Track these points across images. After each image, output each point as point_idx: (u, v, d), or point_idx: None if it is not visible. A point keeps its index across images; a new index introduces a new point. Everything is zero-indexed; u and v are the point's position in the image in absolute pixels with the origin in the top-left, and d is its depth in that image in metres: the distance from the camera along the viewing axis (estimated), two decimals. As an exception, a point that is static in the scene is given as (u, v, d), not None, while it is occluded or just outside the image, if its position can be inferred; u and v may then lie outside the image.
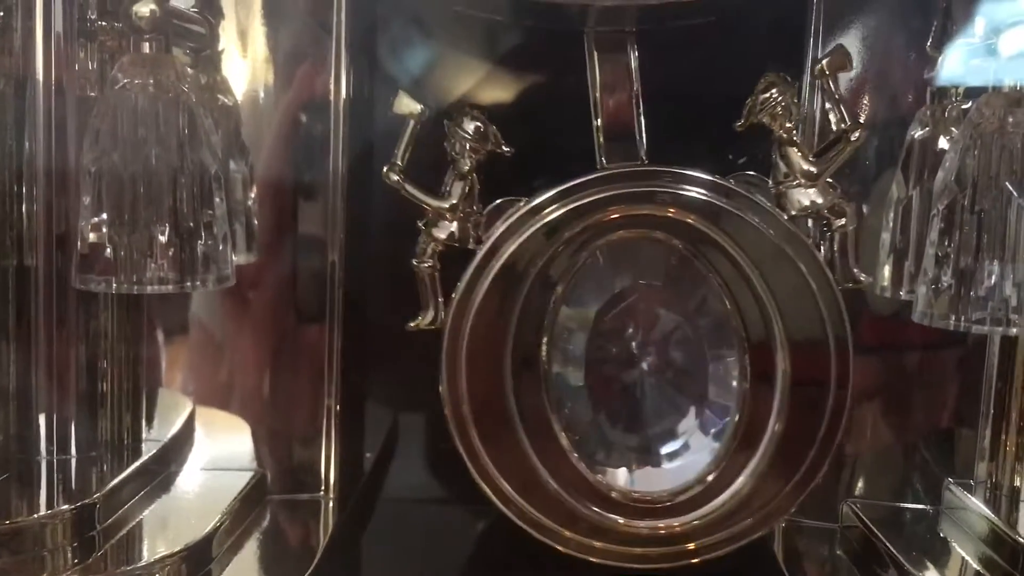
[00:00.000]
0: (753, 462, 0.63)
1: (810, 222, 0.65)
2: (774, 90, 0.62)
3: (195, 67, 0.62)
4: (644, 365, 0.66)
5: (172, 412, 0.71)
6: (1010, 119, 0.53)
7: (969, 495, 0.66)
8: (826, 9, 0.66)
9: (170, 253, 0.55)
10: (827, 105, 0.64)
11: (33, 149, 0.62)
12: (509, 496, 0.63)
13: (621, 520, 0.64)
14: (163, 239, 0.55)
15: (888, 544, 0.64)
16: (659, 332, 0.66)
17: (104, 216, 0.55)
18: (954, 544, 0.64)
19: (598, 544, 0.64)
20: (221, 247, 0.57)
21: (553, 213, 0.62)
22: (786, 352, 0.62)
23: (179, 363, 0.72)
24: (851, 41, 0.66)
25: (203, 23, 0.63)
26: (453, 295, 0.63)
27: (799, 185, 0.63)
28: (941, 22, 0.64)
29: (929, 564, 0.62)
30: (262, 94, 0.69)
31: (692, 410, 0.66)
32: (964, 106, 0.62)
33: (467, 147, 0.64)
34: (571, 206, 0.62)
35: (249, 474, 0.70)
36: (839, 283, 0.63)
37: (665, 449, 0.66)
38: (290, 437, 0.71)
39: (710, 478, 0.64)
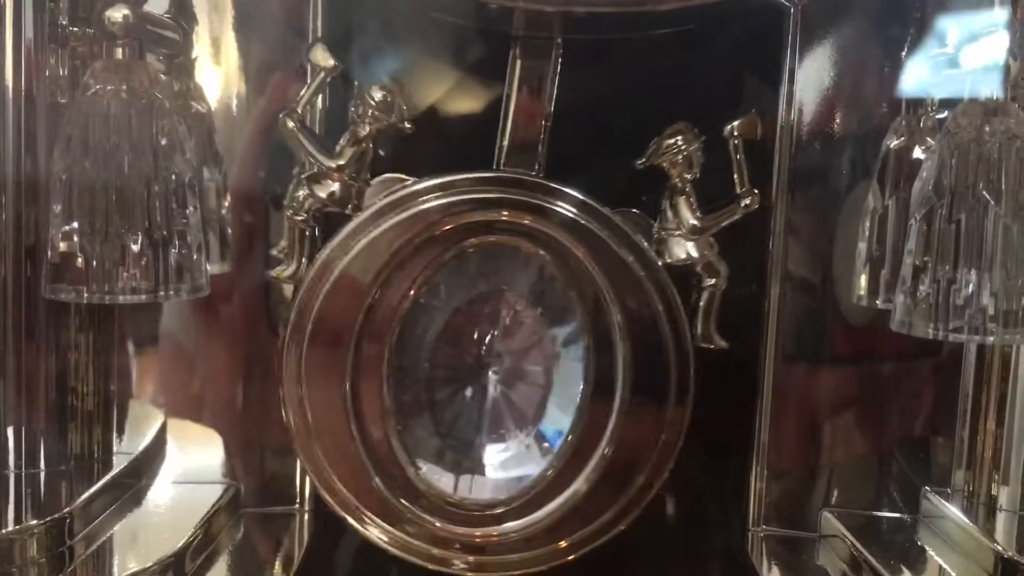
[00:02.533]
0: (578, 482, 0.64)
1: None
2: (679, 137, 0.64)
3: (168, 73, 0.62)
4: (490, 371, 0.67)
5: (143, 424, 0.70)
6: (987, 128, 0.53)
7: (946, 503, 0.66)
8: (803, 19, 0.66)
9: (143, 262, 0.54)
10: (733, 167, 0.65)
11: (2, 157, 0.61)
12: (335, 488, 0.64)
13: (438, 523, 0.64)
14: (135, 248, 0.54)
15: (866, 552, 0.64)
16: (509, 340, 0.67)
17: (75, 224, 0.54)
18: (932, 552, 0.65)
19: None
20: (195, 256, 0.57)
21: (433, 200, 0.63)
22: (628, 372, 0.64)
23: (151, 374, 0.71)
24: (827, 51, 0.67)
25: (176, 29, 0.62)
26: (317, 255, 0.63)
27: (681, 236, 0.65)
28: (916, 33, 0.65)
29: (907, 572, 0.62)
30: (236, 102, 0.69)
31: (529, 422, 0.67)
32: (939, 116, 0.62)
33: (369, 113, 0.64)
34: (451, 199, 0.63)
35: (222, 487, 0.70)
36: (697, 341, 0.65)
37: (496, 457, 0.66)
38: (264, 449, 0.71)
39: (534, 492, 0.65)
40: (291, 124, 0.64)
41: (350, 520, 0.65)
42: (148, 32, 0.58)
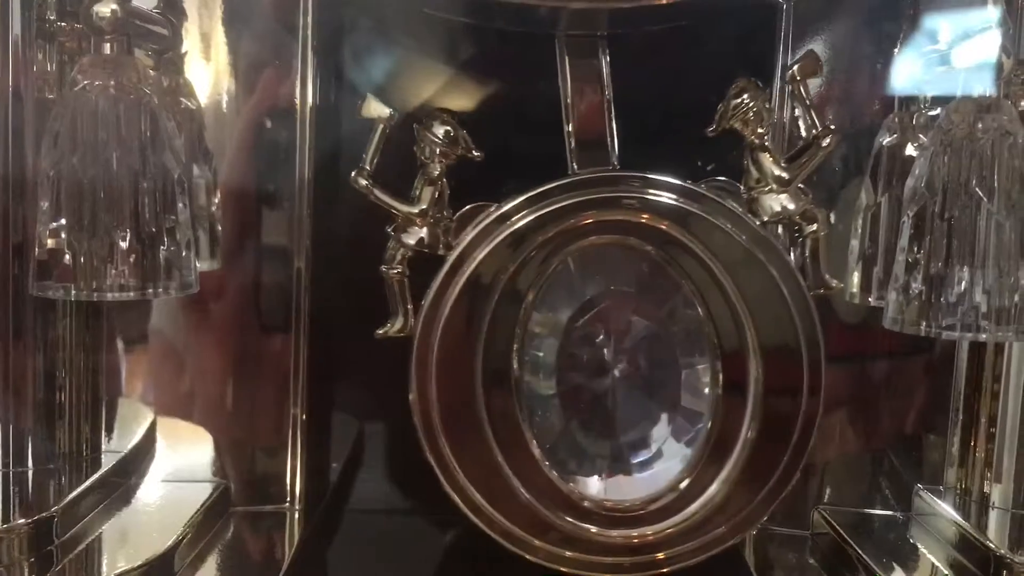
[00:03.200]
0: (726, 470, 0.63)
1: (781, 228, 0.65)
2: (745, 95, 0.62)
3: (157, 69, 0.61)
4: (616, 372, 0.65)
5: (133, 423, 0.70)
6: (979, 125, 0.53)
7: (939, 501, 0.66)
8: (795, 16, 0.66)
9: (131, 259, 0.54)
10: (797, 111, 0.64)
11: (-11, 153, 0.60)
12: (479, 505, 0.63)
13: (593, 529, 0.63)
14: (124, 245, 0.54)
15: (859, 550, 0.64)
16: (631, 339, 0.65)
17: (63, 221, 0.53)
18: (924, 550, 0.65)
19: (569, 554, 0.63)
20: (184, 253, 0.56)
21: (523, 219, 0.62)
22: (758, 358, 0.62)
23: (140, 372, 0.70)
24: (820, 48, 0.67)
25: (166, 24, 0.62)
26: (422, 302, 0.62)
27: (771, 191, 0.63)
28: (909, 30, 0.64)
29: (899, 570, 0.62)
30: (226, 98, 0.68)
31: (664, 417, 0.65)
32: (932, 113, 0.62)
33: (437, 151, 0.63)
34: (541, 212, 0.62)
35: (212, 486, 0.69)
36: (810, 289, 0.63)
37: (637, 457, 0.65)
38: (254, 447, 0.70)
39: (682, 486, 0.64)
40: (363, 182, 0.62)
41: (517, 551, 0.63)
42: (137, 27, 0.57)
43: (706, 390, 0.64)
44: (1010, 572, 0.58)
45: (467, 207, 0.64)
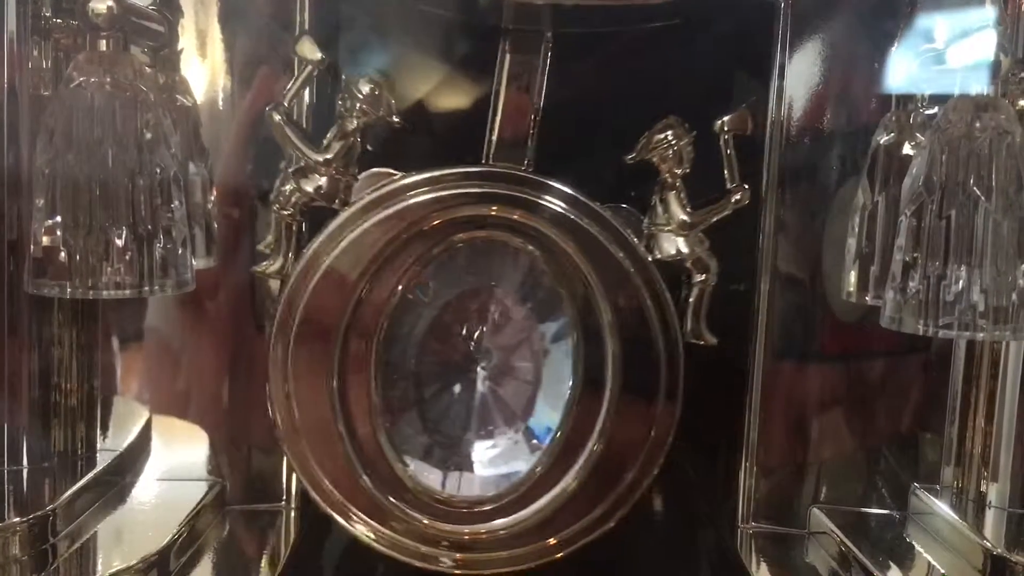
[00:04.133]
0: (567, 479, 0.64)
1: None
2: (669, 132, 0.64)
3: (153, 66, 0.61)
4: (478, 366, 0.66)
5: (128, 421, 0.69)
6: (977, 124, 0.53)
7: (935, 500, 0.66)
8: (793, 15, 0.66)
9: (127, 257, 0.54)
10: (723, 161, 0.65)
11: (-16, 150, 0.60)
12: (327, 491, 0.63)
13: (425, 520, 0.64)
14: (119, 242, 0.54)
15: (855, 549, 0.64)
16: (499, 336, 0.66)
17: (58, 219, 0.53)
18: (920, 549, 0.65)
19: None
20: (180, 251, 0.56)
21: (421, 195, 0.62)
22: (617, 369, 0.63)
23: (135, 371, 0.70)
24: (818, 46, 0.67)
25: (162, 21, 0.62)
26: (305, 249, 0.63)
27: (671, 231, 0.64)
28: (906, 28, 0.64)
29: (896, 569, 0.62)
30: (222, 95, 0.68)
31: (517, 418, 0.66)
32: (929, 112, 0.62)
33: (356, 107, 0.63)
34: (441, 193, 0.62)
35: (207, 484, 0.69)
36: (686, 337, 0.64)
37: (483, 454, 0.66)
38: (250, 446, 0.70)
39: (523, 490, 0.64)
40: (277, 117, 0.63)
41: (337, 517, 0.64)
42: (132, 24, 0.57)
43: (564, 399, 0.65)
44: (1007, 571, 0.58)
45: (374, 170, 0.65)
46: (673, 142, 0.63)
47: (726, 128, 0.64)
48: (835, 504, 0.70)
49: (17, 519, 0.56)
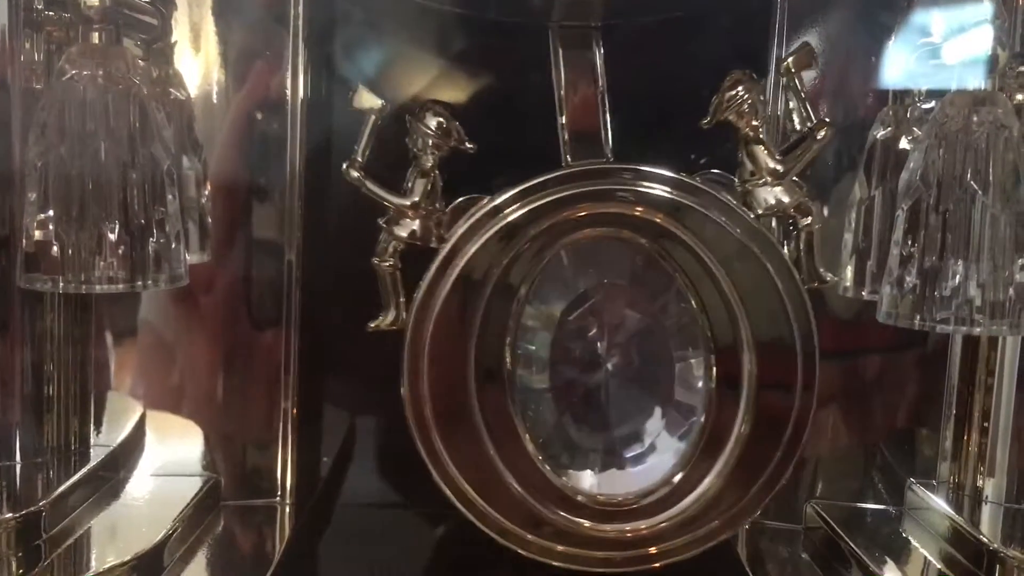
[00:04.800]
0: (719, 464, 0.63)
1: (775, 221, 0.64)
2: (740, 87, 0.62)
3: (146, 59, 0.61)
4: (609, 366, 0.65)
5: (122, 416, 0.69)
6: (974, 118, 0.53)
7: (932, 495, 0.66)
8: (790, 8, 0.66)
9: (120, 251, 0.53)
10: (791, 104, 0.63)
11: (-25, 144, 0.60)
12: (471, 499, 0.62)
13: (587, 523, 0.63)
14: (113, 237, 0.53)
15: (851, 544, 0.64)
16: (624, 332, 0.65)
17: (51, 212, 0.53)
18: (917, 544, 0.65)
19: (560, 548, 0.63)
20: (174, 245, 0.56)
21: (515, 212, 0.61)
22: (752, 353, 0.62)
23: (129, 366, 0.70)
24: (815, 40, 0.67)
25: (155, 14, 0.61)
26: (415, 295, 0.62)
27: (765, 183, 0.63)
28: (904, 23, 0.64)
29: (892, 564, 0.62)
30: (216, 89, 0.68)
31: (658, 411, 0.65)
32: (926, 106, 0.62)
33: (429, 143, 0.62)
34: (534, 204, 0.61)
35: (202, 480, 0.69)
36: (805, 282, 0.62)
37: (630, 451, 0.65)
38: (245, 441, 0.70)
39: (676, 480, 0.63)
40: (355, 173, 0.62)
41: (511, 546, 0.63)
42: (125, 16, 0.57)
43: (699, 384, 0.64)
44: (1003, 566, 0.58)
45: (460, 199, 0.64)
46: (745, 95, 0.62)
47: (792, 68, 0.62)
48: (831, 499, 0.70)
49: (9, 515, 0.56)
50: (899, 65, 0.65)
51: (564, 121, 0.63)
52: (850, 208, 0.64)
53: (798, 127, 0.63)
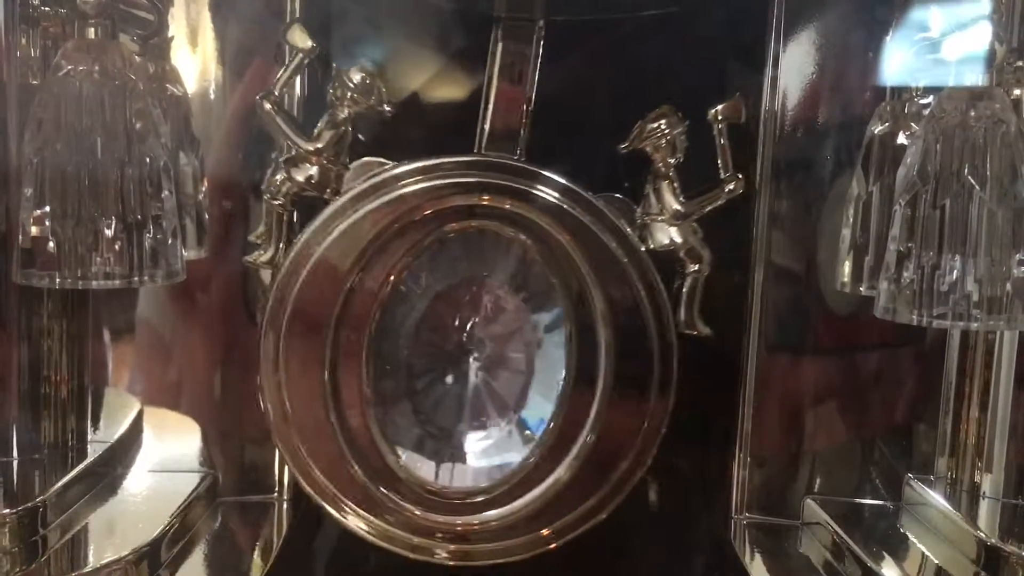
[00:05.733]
0: (560, 470, 0.64)
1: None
2: (663, 121, 0.63)
3: (143, 55, 0.61)
4: (470, 357, 0.66)
5: (119, 412, 0.69)
6: (972, 113, 0.53)
7: (929, 490, 0.66)
8: (787, 3, 0.66)
9: (116, 247, 0.53)
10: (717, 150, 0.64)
11: (-30, 140, 0.60)
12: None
13: (418, 511, 0.64)
14: (109, 232, 0.53)
15: (849, 540, 0.64)
16: (491, 327, 0.66)
17: (47, 208, 0.53)
18: (914, 539, 0.64)
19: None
20: (170, 241, 0.56)
21: (413, 184, 0.62)
22: (610, 360, 0.63)
23: (126, 362, 0.70)
24: (812, 36, 0.66)
25: (151, 9, 0.61)
26: (295, 239, 0.63)
27: (664, 221, 0.64)
28: (901, 18, 0.64)
29: (890, 559, 0.62)
30: (213, 85, 0.68)
31: (510, 409, 0.66)
32: (924, 101, 0.62)
33: (348, 96, 0.63)
34: (433, 183, 0.62)
35: (199, 476, 0.69)
36: (679, 328, 0.64)
37: (477, 445, 0.66)
38: (242, 437, 0.70)
39: (515, 480, 0.64)
40: (268, 106, 0.63)
41: (329, 509, 0.64)
42: (121, 12, 0.57)
43: (557, 389, 0.65)
44: (1000, 561, 0.58)
45: (364, 159, 0.64)
46: (666, 131, 0.63)
47: (720, 117, 0.64)
48: (829, 495, 0.70)
49: (7, 510, 0.56)
50: (897, 60, 0.65)
51: (486, 111, 0.64)
52: (848, 204, 0.64)
53: (721, 175, 0.64)
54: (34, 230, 0.53)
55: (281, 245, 0.64)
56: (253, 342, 0.68)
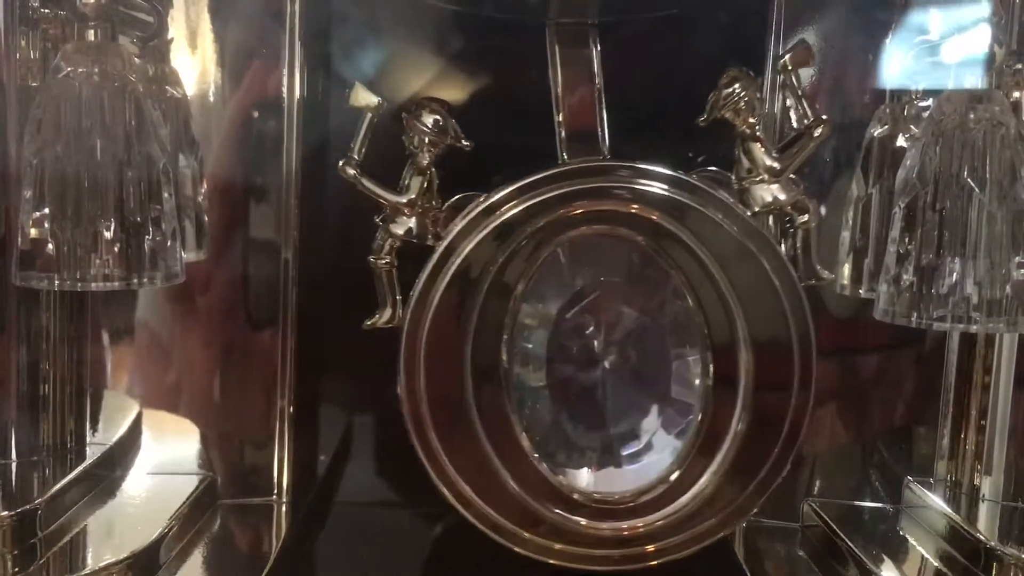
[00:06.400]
0: (715, 462, 0.63)
1: (771, 219, 0.64)
2: (737, 85, 0.62)
3: (142, 57, 0.61)
4: (606, 364, 0.65)
5: (118, 415, 0.69)
6: (971, 116, 0.53)
7: (929, 493, 0.66)
8: (787, 5, 0.66)
9: (116, 249, 0.53)
10: (788, 101, 0.63)
11: (-30, 143, 0.60)
12: (468, 498, 0.62)
13: (583, 521, 0.63)
14: (108, 234, 0.53)
15: (849, 542, 0.64)
16: (621, 330, 0.65)
17: (46, 210, 0.53)
18: (914, 542, 0.64)
19: (557, 546, 0.63)
20: (170, 243, 0.56)
21: (512, 209, 0.61)
22: (749, 351, 0.62)
23: (125, 364, 0.70)
24: (811, 38, 0.66)
25: (151, 11, 0.61)
26: (411, 293, 0.62)
27: (762, 181, 0.63)
28: (901, 20, 0.64)
29: (889, 562, 0.62)
30: (212, 87, 0.68)
31: (654, 409, 0.65)
32: (923, 103, 0.62)
33: (426, 141, 0.62)
34: (531, 202, 0.61)
35: (198, 478, 0.69)
36: (802, 280, 0.62)
37: (627, 449, 0.65)
38: (241, 440, 0.70)
39: (672, 478, 0.63)
40: (351, 171, 0.62)
41: (506, 544, 0.63)
42: (121, 14, 0.57)
43: (696, 382, 0.64)
44: (1000, 564, 0.57)
45: (456, 197, 0.64)
46: (742, 93, 0.61)
47: (789, 65, 0.62)
48: (829, 497, 0.70)
49: (5, 513, 0.56)
50: (896, 63, 0.65)
51: (561, 119, 0.63)
52: (847, 206, 0.64)
53: (795, 124, 0.63)
54: (33, 232, 0.53)
55: (399, 298, 0.63)
56: (252, 344, 0.69)
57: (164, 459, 0.69)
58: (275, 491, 0.70)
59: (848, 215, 0.64)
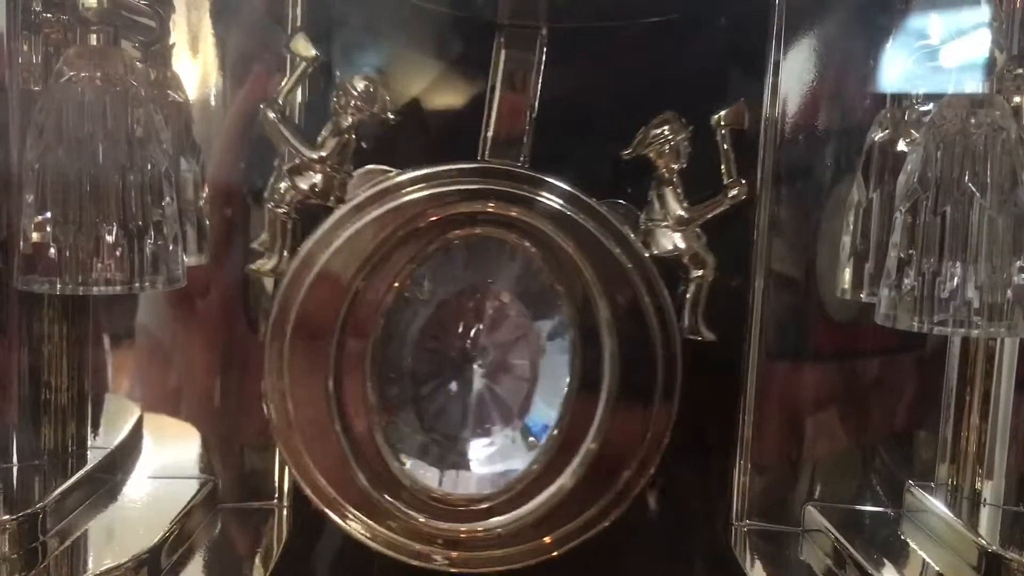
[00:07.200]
0: (564, 477, 0.64)
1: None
2: (666, 127, 0.64)
3: (144, 61, 0.61)
4: (475, 364, 0.66)
5: (119, 419, 0.69)
6: (972, 120, 0.53)
7: (930, 497, 0.66)
8: (788, 10, 0.66)
9: (117, 253, 0.53)
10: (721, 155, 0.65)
11: (-28, 146, 0.60)
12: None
13: (422, 518, 0.64)
14: (110, 238, 0.53)
15: (850, 547, 0.64)
16: (497, 335, 0.66)
17: (48, 214, 0.53)
18: (915, 546, 0.64)
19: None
20: (171, 247, 0.56)
21: (416, 192, 0.62)
22: (615, 369, 0.63)
23: (127, 368, 0.70)
24: (812, 43, 0.67)
25: (153, 16, 0.61)
26: (299, 248, 0.63)
27: (667, 227, 0.64)
28: (901, 25, 0.64)
29: (891, 566, 0.62)
30: (214, 92, 0.68)
31: (514, 416, 0.66)
32: (924, 108, 0.62)
33: (351, 104, 0.63)
34: (437, 190, 0.62)
35: (199, 482, 0.69)
36: (683, 333, 0.64)
37: (479, 452, 0.66)
38: (242, 444, 0.70)
39: (519, 488, 0.64)
40: (271, 115, 0.63)
41: (331, 515, 0.64)
42: (123, 18, 0.56)
43: (561, 396, 0.65)
44: (1001, 568, 0.57)
45: (368, 167, 0.64)
46: (670, 137, 0.63)
47: (722, 123, 0.64)
48: (830, 502, 0.70)
49: (7, 517, 0.56)
50: (897, 67, 0.65)
51: (489, 118, 0.64)
52: (848, 210, 0.64)
53: (724, 180, 0.65)
54: (35, 236, 0.53)
55: (285, 253, 0.64)
56: (253, 348, 0.69)
57: (165, 463, 0.70)
58: (276, 495, 0.70)
59: (849, 219, 0.64)
